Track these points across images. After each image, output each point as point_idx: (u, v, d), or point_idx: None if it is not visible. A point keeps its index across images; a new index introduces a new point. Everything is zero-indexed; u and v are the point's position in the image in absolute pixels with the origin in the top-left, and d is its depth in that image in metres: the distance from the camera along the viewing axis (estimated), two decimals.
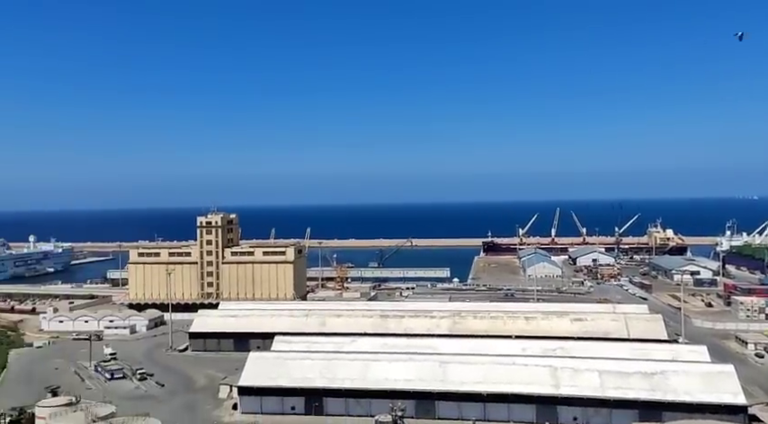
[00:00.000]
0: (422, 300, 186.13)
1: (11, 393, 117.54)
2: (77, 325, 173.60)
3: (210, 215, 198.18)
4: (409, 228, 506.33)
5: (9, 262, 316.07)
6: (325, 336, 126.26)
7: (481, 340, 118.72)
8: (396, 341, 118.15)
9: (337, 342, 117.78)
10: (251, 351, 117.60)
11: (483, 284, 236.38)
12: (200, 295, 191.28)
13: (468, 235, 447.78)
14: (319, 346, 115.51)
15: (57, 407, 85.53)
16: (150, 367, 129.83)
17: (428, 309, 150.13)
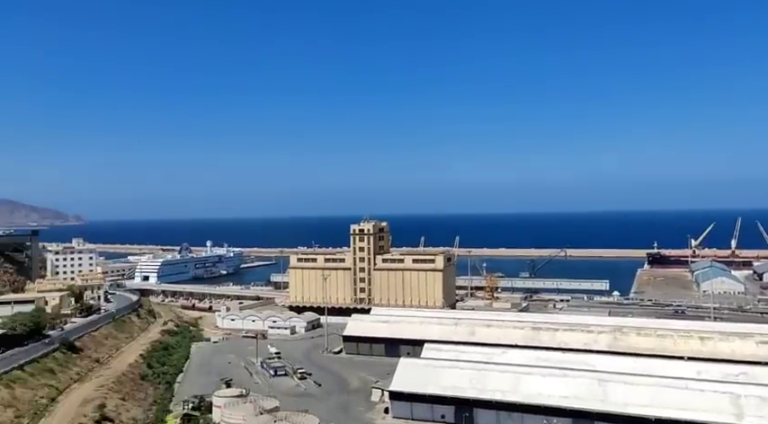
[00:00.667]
0: (578, 313, 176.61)
1: (193, 381, 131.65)
2: (246, 324, 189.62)
3: (363, 223, 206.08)
4: (564, 237, 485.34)
5: (191, 265, 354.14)
6: (475, 346, 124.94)
7: (646, 359, 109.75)
8: (549, 355, 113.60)
9: (487, 353, 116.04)
10: (401, 357, 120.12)
11: (648, 299, 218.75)
12: (353, 299, 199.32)
13: (630, 246, 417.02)
14: (468, 355, 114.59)
15: (230, 398, 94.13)
16: (308, 367, 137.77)
17: (585, 323, 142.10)
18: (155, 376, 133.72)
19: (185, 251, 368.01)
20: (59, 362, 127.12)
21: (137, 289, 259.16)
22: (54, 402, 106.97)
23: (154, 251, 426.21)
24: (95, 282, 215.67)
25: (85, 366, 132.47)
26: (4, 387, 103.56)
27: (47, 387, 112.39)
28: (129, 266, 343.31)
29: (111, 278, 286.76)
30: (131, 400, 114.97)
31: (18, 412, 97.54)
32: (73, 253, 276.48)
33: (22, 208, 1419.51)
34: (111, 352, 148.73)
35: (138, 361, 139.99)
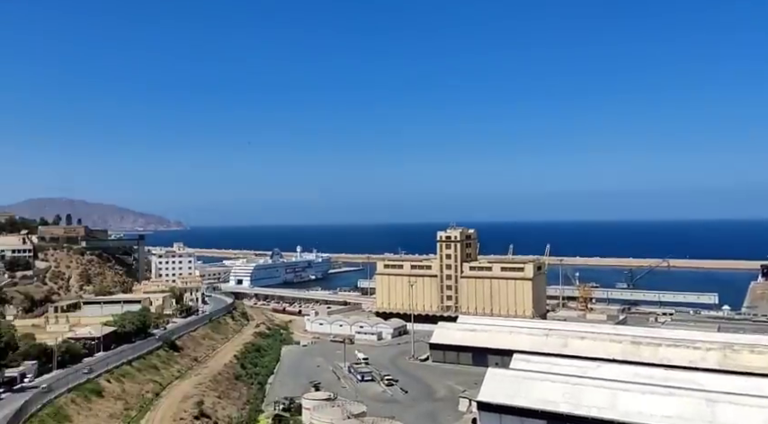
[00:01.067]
0: (682, 328, 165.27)
1: (284, 383, 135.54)
2: (334, 328, 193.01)
3: (450, 230, 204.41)
4: (667, 246, 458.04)
5: (282, 269, 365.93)
6: (567, 358, 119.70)
7: (761, 379, 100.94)
8: (650, 372, 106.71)
9: (581, 366, 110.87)
10: (489, 367, 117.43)
11: (762, 314, 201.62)
12: (440, 307, 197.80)
13: (742, 257, 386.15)
14: (560, 368, 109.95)
15: (319, 401, 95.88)
16: (395, 373, 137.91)
17: (691, 338, 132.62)
18: (248, 377, 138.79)
19: (276, 256, 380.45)
20: (162, 359, 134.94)
21: (231, 292, 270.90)
22: (158, 397, 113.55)
23: (247, 255, 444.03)
24: (194, 285, 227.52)
25: (185, 364, 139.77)
26: (116, 381, 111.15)
27: (152, 382, 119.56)
28: (225, 270, 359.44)
29: (208, 280, 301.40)
30: (226, 398, 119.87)
31: (127, 405, 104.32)
32: (174, 257, 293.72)
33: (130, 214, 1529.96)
34: (208, 352, 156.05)
35: (232, 361, 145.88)
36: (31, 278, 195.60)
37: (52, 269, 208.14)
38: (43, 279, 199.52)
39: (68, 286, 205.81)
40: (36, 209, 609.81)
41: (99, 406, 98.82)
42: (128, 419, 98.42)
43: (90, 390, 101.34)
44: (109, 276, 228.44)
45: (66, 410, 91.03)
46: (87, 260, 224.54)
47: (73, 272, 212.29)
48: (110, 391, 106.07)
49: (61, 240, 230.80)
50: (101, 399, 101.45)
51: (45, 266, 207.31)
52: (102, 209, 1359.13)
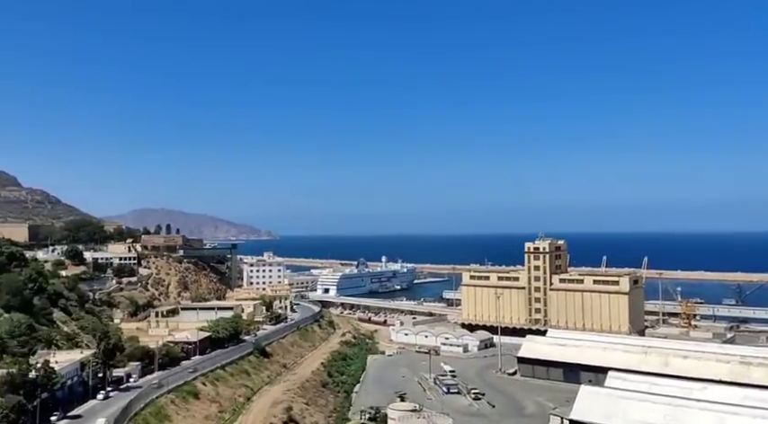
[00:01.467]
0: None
1: (369, 392, 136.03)
2: (419, 339, 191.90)
3: (538, 241, 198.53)
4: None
5: (367, 279, 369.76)
6: (668, 378, 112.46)
7: None
8: (761, 395, 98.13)
9: (683, 387, 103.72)
10: (582, 384, 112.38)
11: None
12: (528, 320, 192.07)
13: None
14: (660, 388, 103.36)
15: (404, 411, 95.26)
16: (481, 387, 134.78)
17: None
18: (334, 385, 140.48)
19: (362, 266, 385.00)
20: (253, 365, 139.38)
21: (318, 301, 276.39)
22: (249, 401, 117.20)
23: (333, 265, 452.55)
24: (283, 293, 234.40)
25: (275, 370, 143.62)
26: (210, 384, 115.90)
27: (243, 387, 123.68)
28: (312, 278, 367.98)
29: (296, 289, 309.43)
30: (314, 405, 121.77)
31: (221, 408, 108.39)
32: (264, 266, 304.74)
33: (224, 224, 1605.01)
34: (296, 359, 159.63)
35: (319, 369, 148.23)
36: (135, 284, 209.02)
37: (153, 275, 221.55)
38: (146, 285, 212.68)
39: (168, 292, 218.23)
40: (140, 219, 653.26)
41: (195, 407, 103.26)
42: (222, 422, 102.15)
43: (188, 391, 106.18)
44: (204, 283, 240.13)
45: (166, 409, 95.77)
46: (185, 267, 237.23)
47: (172, 279, 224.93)
48: (205, 393, 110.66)
49: (161, 248, 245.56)
50: (197, 400, 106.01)
51: (147, 273, 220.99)
52: (198, 219, 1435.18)
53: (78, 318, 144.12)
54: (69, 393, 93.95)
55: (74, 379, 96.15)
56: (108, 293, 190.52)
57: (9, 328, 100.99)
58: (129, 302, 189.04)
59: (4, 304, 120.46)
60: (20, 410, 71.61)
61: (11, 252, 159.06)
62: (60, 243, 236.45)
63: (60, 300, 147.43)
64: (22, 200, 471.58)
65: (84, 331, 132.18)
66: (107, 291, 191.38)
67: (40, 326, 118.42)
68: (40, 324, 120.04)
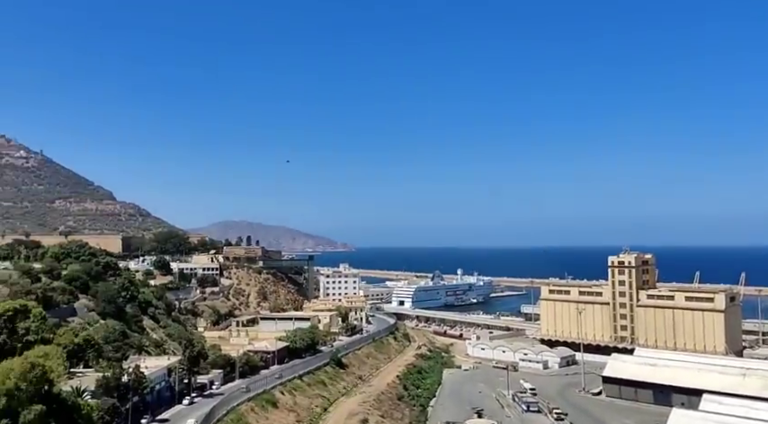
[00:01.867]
0: None
1: (445, 406, 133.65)
2: (496, 354, 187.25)
3: (623, 254, 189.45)
4: None
5: (443, 291, 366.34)
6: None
7: None
8: None
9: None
10: (674, 407, 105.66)
11: None
12: (613, 337, 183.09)
13: None
14: (760, 413, 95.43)
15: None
16: (563, 406, 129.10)
17: None
18: (410, 398, 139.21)
19: (437, 279, 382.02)
20: (330, 375, 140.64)
21: (393, 313, 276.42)
22: (325, 412, 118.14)
23: (408, 277, 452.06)
24: (358, 304, 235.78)
25: (350, 382, 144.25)
26: (288, 393, 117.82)
27: (320, 397, 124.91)
28: (387, 291, 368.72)
29: (371, 301, 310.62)
30: (389, 418, 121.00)
31: (298, 418, 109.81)
32: (340, 277, 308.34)
33: (301, 236, 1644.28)
34: (372, 371, 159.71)
35: (395, 381, 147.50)
36: (218, 293, 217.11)
37: (235, 286, 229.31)
38: (227, 295, 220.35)
39: (248, 302, 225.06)
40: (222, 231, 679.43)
41: (274, 416, 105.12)
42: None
43: (266, 400, 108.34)
44: (282, 294, 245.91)
45: (246, 417, 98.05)
46: (264, 278, 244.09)
47: (252, 289, 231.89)
48: (283, 402, 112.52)
49: (242, 260, 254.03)
50: (275, 409, 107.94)
51: (229, 283, 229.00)
52: (277, 231, 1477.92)
53: (165, 326, 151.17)
54: (157, 398, 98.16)
55: (161, 384, 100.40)
56: (192, 302, 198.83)
57: (104, 334, 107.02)
58: (212, 311, 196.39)
59: (101, 311, 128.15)
60: (114, 412, 75.34)
61: (106, 262, 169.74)
62: (149, 254, 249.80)
63: (149, 308, 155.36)
64: (116, 213, 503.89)
65: (171, 338, 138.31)
66: (191, 300, 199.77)
67: (132, 333, 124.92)
68: (132, 331, 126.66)
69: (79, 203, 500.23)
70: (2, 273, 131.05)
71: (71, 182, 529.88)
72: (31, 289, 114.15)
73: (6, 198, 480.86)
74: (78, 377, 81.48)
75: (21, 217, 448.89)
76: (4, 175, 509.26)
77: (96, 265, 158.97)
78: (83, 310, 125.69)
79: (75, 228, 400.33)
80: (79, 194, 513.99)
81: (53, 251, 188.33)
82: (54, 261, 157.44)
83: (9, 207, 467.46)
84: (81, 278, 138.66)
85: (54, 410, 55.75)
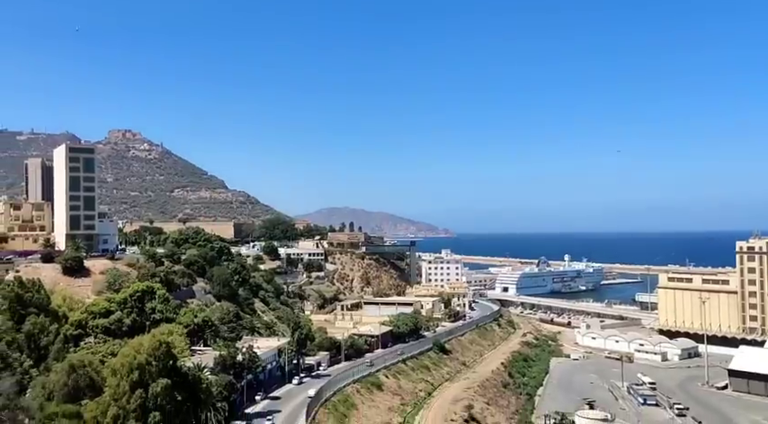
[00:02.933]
0: None
1: (553, 396, 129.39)
2: (608, 344, 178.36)
3: (752, 239, 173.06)
4: None
5: (549, 278, 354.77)
6: None
7: None
8: None
9: None
10: None
11: None
12: (741, 328, 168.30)
13: None
14: None
15: (594, 420, 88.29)
16: (684, 400, 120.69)
17: None
18: (516, 386, 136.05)
19: (543, 265, 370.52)
20: (433, 361, 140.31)
21: (497, 299, 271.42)
22: (429, 396, 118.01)
23: (513, 263, 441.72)
24: (461, 290, 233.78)
25: (454, 367, 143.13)
26: (392, 377, 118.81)
27: (423, 382, 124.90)
28: (490, 277, 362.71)
29: (474, 287, 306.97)
30: (495, 405, 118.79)
31: (403, 401, 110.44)
32: (442, 263, 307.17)
33: (402, 222, 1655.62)
34: (476, 357, 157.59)
35: (499, 369, 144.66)
36: (323, 278, 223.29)
37: (339, 271, 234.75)
38: (332, 280, 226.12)
39: (351, 286, 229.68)
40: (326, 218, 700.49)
41: (379, 398, 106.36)
42: (404, 414, 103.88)
43: (372, 383, 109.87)
44: (385, 279, 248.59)
45: (352, 398, 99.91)
46: (366, 263, 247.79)
47: (355, 274, 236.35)
48: (388, 385, 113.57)
49: (346, 245, 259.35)
50: (380, 392, 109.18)
51: (333, 268, 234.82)
52: (379, 217, 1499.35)
53: (275, 308, 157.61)
54: (269, 376, 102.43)
55: (272, 364, 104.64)
56: (299, 286, 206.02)
57: (220, 315, 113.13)
58: (318, 295, 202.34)
59: (216, 293, 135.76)
60: (231, 388, 79.50)
61: (220, 248, 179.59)
62: (259, 240, 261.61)
63: (260, 291, 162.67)
64: (228, 201, 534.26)
65: (280, 320, 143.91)
66: (298, 284, 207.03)
67: (244, 314, 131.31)
68: (244, 313, 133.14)
69: (195, 192, 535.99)
70: (131, 257, 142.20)
71: (188, 172, 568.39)
72: (155, 272, 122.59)
73: (133, 188, 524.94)
74: (198, 355, 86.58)
75: (145, 206, 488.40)
76: (131, 167, 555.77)
77: (211, 250, 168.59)
78: (200, 292, 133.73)
79: (192, 215, 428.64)
80: (195, 183, 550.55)
81: (173, 236, 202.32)
82: (174, 247, 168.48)
83: (135, 197, 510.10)
84: (198, 262, 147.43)
85: (178, 383, 59.29)
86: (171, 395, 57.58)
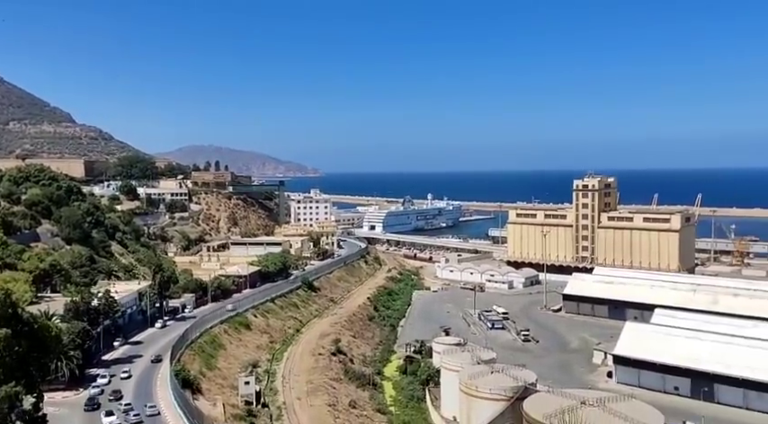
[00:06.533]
0: None
1: (414, 326, 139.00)
2: (464, 276, 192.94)
3: (587, 178, 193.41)
4: None
5: (413, 216, 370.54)
6: (717, 316, 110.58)
7: None
8: None
9: (734, 325, 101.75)
10: (627, 321, 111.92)
11: None
12: (575, 258, 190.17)
13: None
14: (709, 326, 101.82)
15: (449, 345, 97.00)
16: (526, 323, 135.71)
17: None
18: (381, 319, 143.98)
19: (408, 203, 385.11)
20: (302, 298, 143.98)
21: (364, 237, 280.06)
22: (298, 333, 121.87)
23: (379, 202, 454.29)
24: (329, 229, 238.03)
25: (322, 304, 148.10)
26: (261, 316, 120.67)
27: (292, 319, 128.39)
28: (358, 216, 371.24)
29: (342, 226, 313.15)
30: (360, 338, 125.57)
31: (271, 339, 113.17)
32: (311, 203, 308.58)
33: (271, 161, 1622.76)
34: (343, 293, 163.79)
35: (366, 303, 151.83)
36: (187, 219, 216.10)
37: (204, 211, 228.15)
38: (197, 221, 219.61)
39: (218, 227, 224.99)
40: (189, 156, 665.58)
41: (247, 338, 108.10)
42: (273, 351, 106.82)
43: (239, 322, 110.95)
44: (253, 219, 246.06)
45: (220, 338, 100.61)
46: (234, 204, 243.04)
47: (222, 215, 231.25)
48: (256, 324, 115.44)
49: (211, 185, 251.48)
50: (249, 331, 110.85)
51: (198, 208, 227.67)
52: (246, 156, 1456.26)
53: (134, 251, 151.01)
54: (129, 321, 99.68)
55: (133, 308, 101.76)
56: (161, 227, 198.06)
57: (71, 259, 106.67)
58: (182, 236, 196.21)
59: (65, 236, 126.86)
60: (85, 335, 76.52)
61: (69, 187, 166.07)
62: (114, 179, 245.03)
63: (117, 233, 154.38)
64: (76, 136, 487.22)
65: (141, 263, 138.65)
66: (160, 226, 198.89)
67: (100, 258, 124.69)
68: (100, 256, 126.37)
69: (36, 125, 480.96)
70: None
71: (25, 103, 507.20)
72: None
73: None
74: (46, 302, 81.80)
75: None
76: None
77: (58, 189, 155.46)
78: (46, 235, 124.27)
79: (33, 152, 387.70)
80: (35, 116, 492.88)
81: (10, 174, 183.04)
82: (13, 185, 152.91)
83: None
84: (42, 203, 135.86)
85: (20, 332, 55.93)
86: (11, 345, 54.50)
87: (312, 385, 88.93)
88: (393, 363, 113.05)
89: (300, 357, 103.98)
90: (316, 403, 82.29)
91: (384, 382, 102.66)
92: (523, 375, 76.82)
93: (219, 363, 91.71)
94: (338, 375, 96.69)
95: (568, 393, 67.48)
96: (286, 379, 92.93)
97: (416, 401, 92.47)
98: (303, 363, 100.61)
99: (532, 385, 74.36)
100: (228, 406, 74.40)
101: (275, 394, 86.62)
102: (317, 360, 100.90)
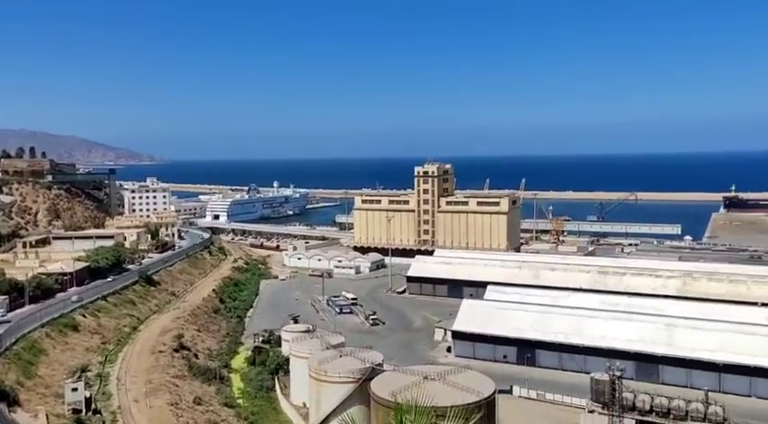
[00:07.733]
0: (646, 258, 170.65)
1: (262, 316, 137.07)
2: (312, 263, 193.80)
3: (427, 165, 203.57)
4: (633, 180, 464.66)
5: (259, 205, 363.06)
6: (539, 289, 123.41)
7: (717, 304, 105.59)
8: (615, 299, 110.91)
9: (551, 296, 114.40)
10: (464, 298, 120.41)
11: (722, 244, 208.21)
12: (417, 241, 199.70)
13: (705, 189, 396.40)
14: (533, 298, 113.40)
15: (298, 333, 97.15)
16: (372, 306, 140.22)
17: (653, 267, 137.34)
18: (227, 310, 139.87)
19: (253, 192, 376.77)
20: (139, 294, 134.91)
21: (208, 227, 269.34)
22: (135, 331, 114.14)
23: (223, 190, 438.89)
24: (169, 220, 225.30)
25: (163, 299, 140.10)
26: (91, 315, 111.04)
27: (129, 317, 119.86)
28: (201, 205, 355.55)
29: (184, 216, 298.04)
30: (206, 331, 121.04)
31: (104, 339, 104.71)
32: (148, 192, 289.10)
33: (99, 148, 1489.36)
34: (186, 287, 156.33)
35: (210, 296, 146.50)
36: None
37: (18, 203, 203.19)
38: (9, 214, 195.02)
39: (36, 221, 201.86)
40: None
41: (75, 340, 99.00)
42: (105, 353, 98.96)
43: (65, 324, 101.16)
44: (79, 211, 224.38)
45: (41, 343, 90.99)
46: (55, 194, 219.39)
47: (40, 207, 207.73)
48: (85, 325, 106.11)
49: (25, 174, 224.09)
50: (76, 333, 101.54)
51: (10, 200, 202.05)
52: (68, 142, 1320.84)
53: None
54: None
55: None
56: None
57: None
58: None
59: None
60: None
61: None
62: None
63: None
64: None
65: None
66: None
67: None
68: None
69: None
70: None
71: None
72: None
73: None
74: None
75: None
76: None
77: None
78: None
79: None
80: None
81: None
82: None
83: None
84: None
85: None
86: None
87: (152, 385, 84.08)
88: (241, 355, 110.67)
89: (138, 357, 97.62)
90: (156, 404, 77.98)
91: (232, 374, 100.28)
92: (370, 357, 79.36)
93: (41, 370, 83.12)
94: (182, 371, 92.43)
95: (412, 370, 71.04)
96: (121, 381, 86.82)
97: (266, 391, 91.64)
98: (141, 362, 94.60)
99: (379, 366, 77.11)
100: (53, 416, 67.97)
101: (108, 399, 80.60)
102: (158, 358, 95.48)
